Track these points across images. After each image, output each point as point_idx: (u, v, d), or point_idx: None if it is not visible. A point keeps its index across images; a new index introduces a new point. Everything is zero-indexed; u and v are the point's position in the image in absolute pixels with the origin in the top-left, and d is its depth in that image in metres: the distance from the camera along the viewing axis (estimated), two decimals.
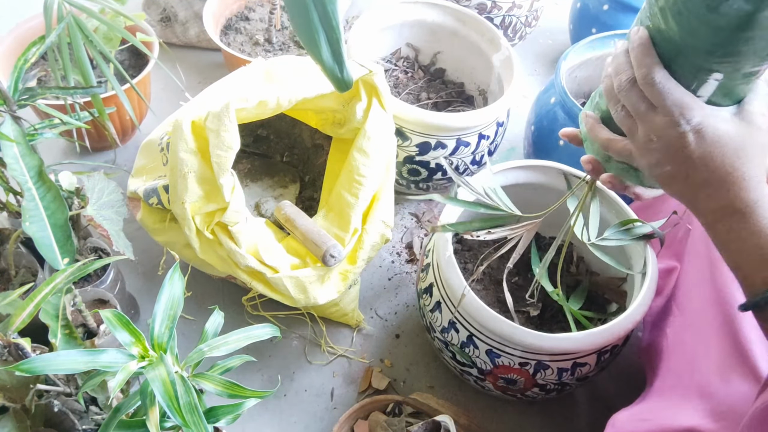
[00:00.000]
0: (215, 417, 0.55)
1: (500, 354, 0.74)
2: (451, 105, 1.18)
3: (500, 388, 0.79)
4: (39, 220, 0.59)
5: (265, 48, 1.26)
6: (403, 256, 1.08)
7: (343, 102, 0.86)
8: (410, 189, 1.09)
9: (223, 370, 0.58)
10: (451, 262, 0.75)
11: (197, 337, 0.83)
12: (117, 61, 0.81)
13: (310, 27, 0.39)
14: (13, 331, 0.52)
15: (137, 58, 1.13)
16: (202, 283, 0.98)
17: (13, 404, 0.55)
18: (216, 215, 0.76)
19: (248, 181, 1.05)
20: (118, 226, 0.75)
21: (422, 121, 0.94)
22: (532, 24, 1.40)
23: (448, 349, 0.80)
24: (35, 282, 0.79)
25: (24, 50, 0.70)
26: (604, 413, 0.93)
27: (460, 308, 0.75)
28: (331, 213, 0.87)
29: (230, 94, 0.72)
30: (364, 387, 0.90)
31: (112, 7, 0.75)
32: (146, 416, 0.47)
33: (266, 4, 1.35)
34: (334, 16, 0.39)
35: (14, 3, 1.39)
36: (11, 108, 0.66)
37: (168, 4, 1.31)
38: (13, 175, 0.60)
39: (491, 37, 1.10)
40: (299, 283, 0.80)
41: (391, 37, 1.18)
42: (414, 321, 0.99)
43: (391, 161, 0.87)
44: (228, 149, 0.72)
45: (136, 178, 0.88)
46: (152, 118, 1.15)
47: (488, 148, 1.04)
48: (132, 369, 0.48)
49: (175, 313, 0.52)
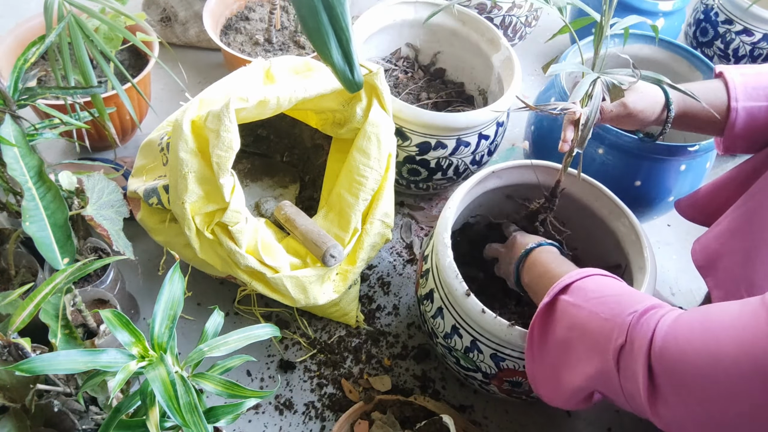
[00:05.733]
0: (215, 417, 0.55)
1: (505, 357, 0.74)
2: (451, 105, 1.18)
3: (505, 391, 0.79)
4: (39, 220, 0.59)
5: (265, 48, 1.26)
6: (403, 256, 1.08)
7: (343, 102, 0.86)
8: (410, 189, 1.09)
9: (223, 370, 0.58)
10: (452, 268, 0.75)
11: (197, 337, 0.83)
12: (117, 60, 0.81)
13: (320, 29, 0.39)
14: (13, 331, 0.52)
15: (137, 58, 1.13)
16: (202, 283, 0.98)
17: (13, 404, 0.55)
18: (216, 215, 0.76)
19: (248, 181, 1.05)
20: (118, 226, 0.75)
21: (422, 121, 0.94)
22: (532, 24, 1.40)
23: (452, 354, 0.80)
24: (35, 282, 0.79)
25: (24, 50, 0.70)
26: (605, 413, 0.93)
27: (463, 313, 0.74)
28: (331, 213, 0.87)
29: (230, 94, 0.72)
30: (364, 386, 0.90)
31: (113, 7, 0.75)
32: (146, 416, 0.47)
33: (266, 4, 1.35)
34: (343, 18, 0.39)
35: (14, 3, 1.39)
36: (11, 108, 0.66)
37: (168, 4, 1.31)
38: (13, 175, 0.59)
39: (491, 37, 1.10)
40: (299, 283, 0.80)
41: (391, 37, 1.18)
42: (413, 321, 0.99)
43: (391, 161, 0.87)
44: (228, 149, 0.72)
45: (136, 178, 0.88)
46: (152, 118, 1.16)
47: (488, 148, 1.04)
48: (132, 369, 0.48)
49: (175, 313, 0.52)
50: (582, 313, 0.60)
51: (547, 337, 0.65)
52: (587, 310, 0.60)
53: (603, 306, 0.59)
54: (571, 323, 0.61)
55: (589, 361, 0.58)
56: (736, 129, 0.75)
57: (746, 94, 0.74)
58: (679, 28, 1.35)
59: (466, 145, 0.99)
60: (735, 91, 0.75)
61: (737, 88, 0.75)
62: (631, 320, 0.54)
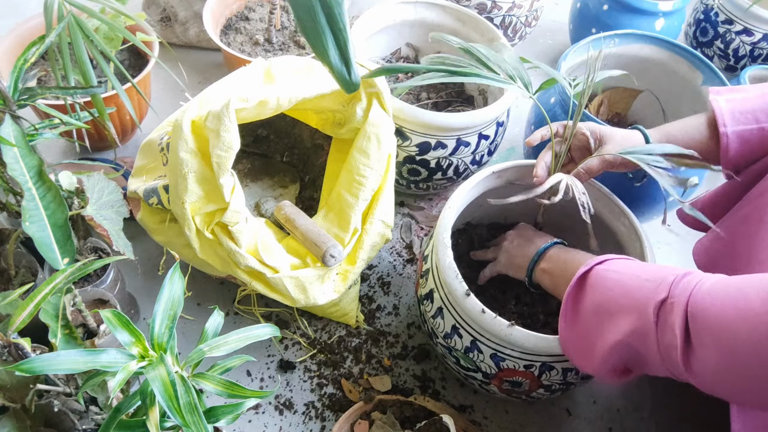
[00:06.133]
0: (215, 417, 0.55)
1: (505, 357, 0.74)
2: (451, 105, 1.18)
3: (505, 390, 0.79)
4: (39, 220, 0.59)
5: (265, 48, 1.26)
6: (403, 256, 1.08)
7: (343, 102, 0.86)
8: (410, 189, 1.09)
9: (223, 370, 0.58)
10: (452, 268, 0.75)
11: (197, 337, 0.83)
12: (117, 60, 0.81)
13: (317, 29, 0.39)
14: (13, 331, 0.52)
15: (137, 58, 1.13)
16: (202, 283, 0.98)
17: (13, 404, 0.55)
18: (216, 215, 0.76)
19: (248, 181, 1.05)
20: (118, 226, 0.75)
21: (422, 121, 0.94)
22: (532, 24, 1.40)
23: (452, 354, 0.80)
24: (35, 282, 0.79)
25: (24, 50, 0.70)
26: (605, 412, 0.93)
27: (463, 313, 0.74)
28: (331, 213, 0.87)
29: (230, 94, 0.72)
30: (364, 386, 0.90)
31: (113, 7, 0.75)
32: (146, 416, 0.47)
33: (266, 4, 1.35)
34: (341, 18, 0.39)
35: (14, 3, 1.39)
36: (11, 108, 0.66)
37: (168, 4, 1.31)
38: (13, 175, 0.59)
39: (491, 37, 1.10)
40: (299, 283, 0.80)
41: (391, 37, 1.18)
42: (413, 321, 0.99)
43: (391, 161, 0.87)
44: (228, 149, 0.72)
45: (136, 178, 0.88)
46: (152, 118, 1.16)
47: (488, 148, 1.04)
48: (132, 369, 0.48)
49: (175, 313, 0.52)
50: (623, 277, 0.64)
51: (581, 304, 0.67)
52: (628, 274, 0.64)
53: (644, 271, 0.63)
54: (610, 286, 0.64)
55: (627, 318, 0.61)
56: (731, 154, 0.76)
57: (734, 119, 0.75)
58: (679, 28, 1.35)
59: (466, 145, 0.99)
60: (723, 117, 0.75)
61: (725, 114, 0.76)
62: (674, 279, 0.58)
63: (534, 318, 0.86)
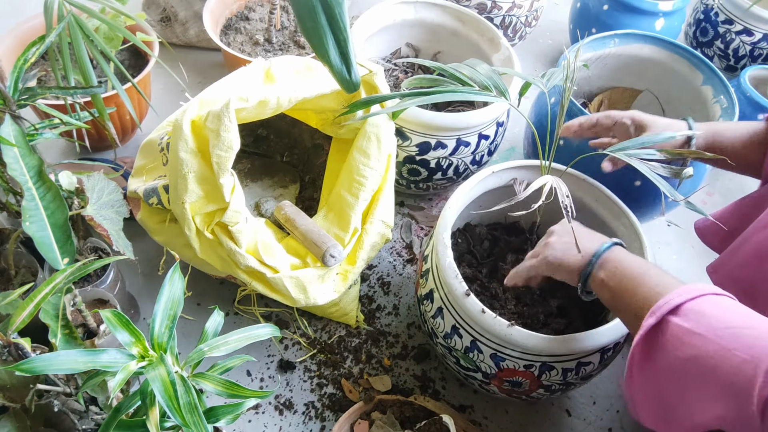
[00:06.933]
0: (215, 417, 0.55)
1: (505, 357, 0.74)
2: (451, 105, 1.18)
3: (505, 390, 0.79)
4: (39, 219, 0.59)
5: (265, 48, 1.26)
6: (403, 256, 1.08)
7: (343, 102, 0.86)
8: (410, 189, 1.09)
9: (223, 370, 0.58)
10: (452, 268, 0.75)
11: (197, 337, 0.83)
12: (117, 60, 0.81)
13: (317, 29, 0.39)
14: (13, 331, 0.52)
15: (137, 57, 1.13)
16: (202, 283, 0.98)
17: (13, 404, 0.55)
18: (216, 215, 0.76)
19: (248, 181, 1.05)
20: (118, 226, 0.75)
21: (422, 121, 0.94)
22: (532, 24, 1.40)
23: (452, 354, 0.80)
24: (35, 282, 0.79)
25: (24, 50, 0.70)
26: (605, 413, 0.93)
27: (463, 313, 0.74)
28: (331, 213, 0.87)
29: (230, 94, 0.72)
30: (364, 386, 0.90)
31: (113, 7, 0.75)
32: (146, 416, 0.47)
33: (266, 4, 1.35)
34: (341, 19, 0.39)
35: (14, 3, 1.39)
36: (11, 108, 0.66)
37: (168, 4, 1.31)
38: (13, 175, 0.59)
39: (491, 37, 1.10)
40: (299, 283, 0.80)
41: (391, 37, 1.17)
42: (413, 321, 0.99)
43: (391, 161, 0.87)
44: (228, 149, 0.72)
45: (136, 178, 0.88)
46: (152, 118, 1.16)
47: (488, 148, 1.04)
48: (132, 369, 0.48)
49: (175, 313, 0.52)
50: (709, 346, 0.53)
51: (653, 363, 0.58)
52: (716, 344, 0.52)
53: (737, 341, 0.52)
54: (692, 355, 0.54)
55: (721, 403, 0.52)
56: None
57: None
58: (679, 28, 1.35)
59: (466, 145, 0.99)
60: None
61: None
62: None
63: (534, 318, 0.86)
